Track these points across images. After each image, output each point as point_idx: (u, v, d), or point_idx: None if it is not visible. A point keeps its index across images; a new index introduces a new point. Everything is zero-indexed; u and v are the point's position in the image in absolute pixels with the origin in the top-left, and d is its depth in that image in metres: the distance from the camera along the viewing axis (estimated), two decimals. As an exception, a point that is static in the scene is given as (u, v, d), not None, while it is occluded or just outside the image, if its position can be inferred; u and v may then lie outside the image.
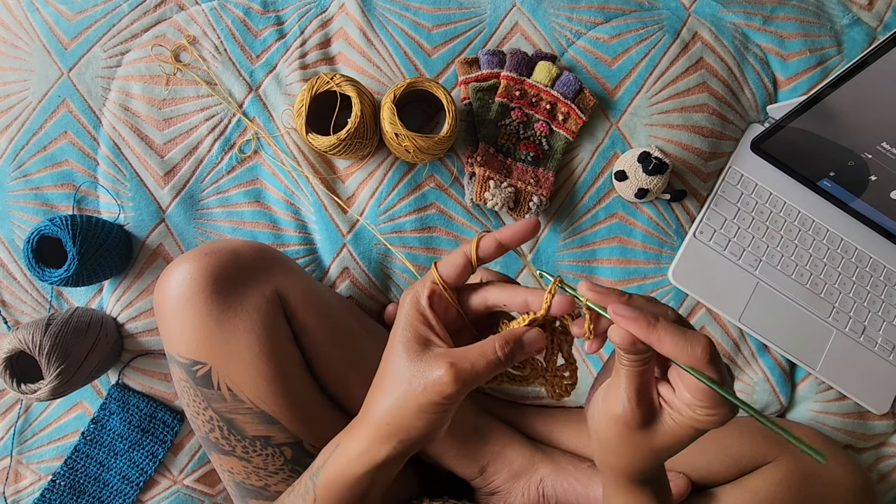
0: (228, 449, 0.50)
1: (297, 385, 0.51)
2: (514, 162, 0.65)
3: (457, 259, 0.34)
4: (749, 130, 0.70)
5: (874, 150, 0.59)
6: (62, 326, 0.55)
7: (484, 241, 0.34)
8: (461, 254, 0.34)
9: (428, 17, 0.67)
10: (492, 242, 0.34)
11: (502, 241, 0.34)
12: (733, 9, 0.70)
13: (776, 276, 0.68)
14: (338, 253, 0.65)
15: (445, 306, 0.35)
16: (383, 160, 0.65)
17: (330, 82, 0.57)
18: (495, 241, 0.34)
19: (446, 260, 0.35)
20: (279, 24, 0.67)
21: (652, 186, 0.61)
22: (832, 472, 0.59)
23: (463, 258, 0.34)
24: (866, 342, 0.68)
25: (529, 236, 0.34)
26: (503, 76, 0.64)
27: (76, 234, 0.56)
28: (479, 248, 0.34)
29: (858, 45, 0.71)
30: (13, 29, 0.65)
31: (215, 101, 0.65)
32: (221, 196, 0.65)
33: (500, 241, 0.34)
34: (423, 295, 0.34)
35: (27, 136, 0.64)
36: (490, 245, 0.34)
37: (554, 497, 0.59)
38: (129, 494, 0.63)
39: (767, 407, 0.67)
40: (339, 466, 0.37)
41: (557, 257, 0.66)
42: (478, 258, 0.34)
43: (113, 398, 0.63)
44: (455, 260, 0.34)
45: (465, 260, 0.34)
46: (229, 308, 0.48)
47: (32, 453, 0.64)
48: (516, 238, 0.34)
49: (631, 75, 0.67)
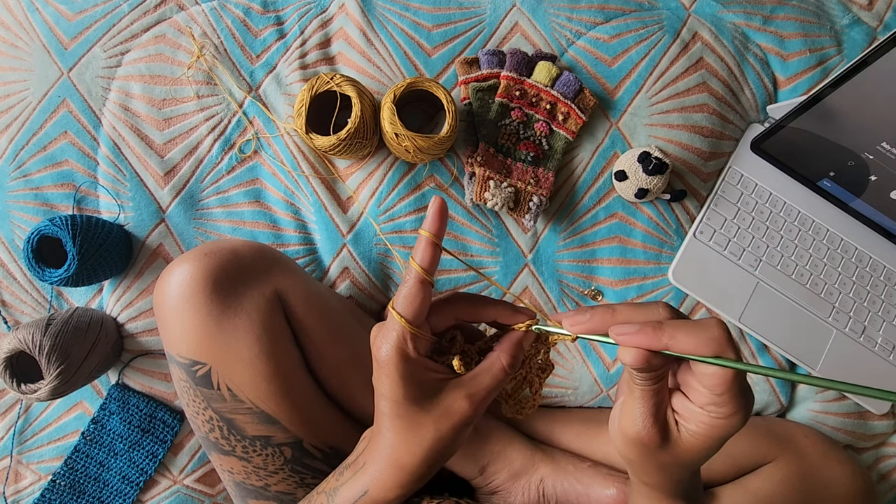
0: (228, 449, 0.50)
1: (296, 385, 0.51)
2: (514, 162, 0.65)
3: (413, 289, 0.32)
4: (749, 130, 0.70)
5: (874, 150, 0.59)
6: (62, 326, 0.55)
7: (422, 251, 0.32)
8: (414, 281, 0.32)
9: (428, 17, 0.67)
10: (429, 248, 0.32)
11: (433, 232, 0.32)
12: (733, 9, 0.70)
13: (776, 276, 0.68)
14: (338, 253, 0.65)
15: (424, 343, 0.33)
16: (383, 160, 0.65)
17: (330, 82, 0.57)
18: (430, 243, 0.32)
19: (402, 295, 0.32)
20: (279, 24, 0.67)
21: (652, 186, 0.61)
22: (832, 473, 0.59)
23: (417, 285, 0.32)
24: (866, 342, 0.68)
25: (446, 214, 0.33)
26: (503, 76, 0.64)
27: (76, 234, 0.56)
28: (421, 261, 0.32)
29: (858, 45, 0.71)
30: (13, 29, 0.65)
31: (215, 101, 0.65)
32: (221, 196, 0.65)
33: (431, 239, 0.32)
34: (407, 345, 0.32)
35: (27, 136, 0.64)
36: (429, 251, 0.32)
37: (554, 497, 0.59)
38: (129, 494, 0.63)
39: (767, 407, 0.67)
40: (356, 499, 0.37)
41: (557, 257, 0.66)
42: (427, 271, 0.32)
43: (113, 398, 0.63)
44: (411, 290, 0.32)
45: (422, 285, 0.32)
46: (229, 308, 0.48)
47: (32, 453, 0.64)
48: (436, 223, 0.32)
49: (631, 75, 0.67)
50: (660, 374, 0.29)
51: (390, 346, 0.32)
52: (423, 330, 0.32)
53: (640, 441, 0.30)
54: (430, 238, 0.32)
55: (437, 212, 0.32)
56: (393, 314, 0.32)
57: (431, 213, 0.32)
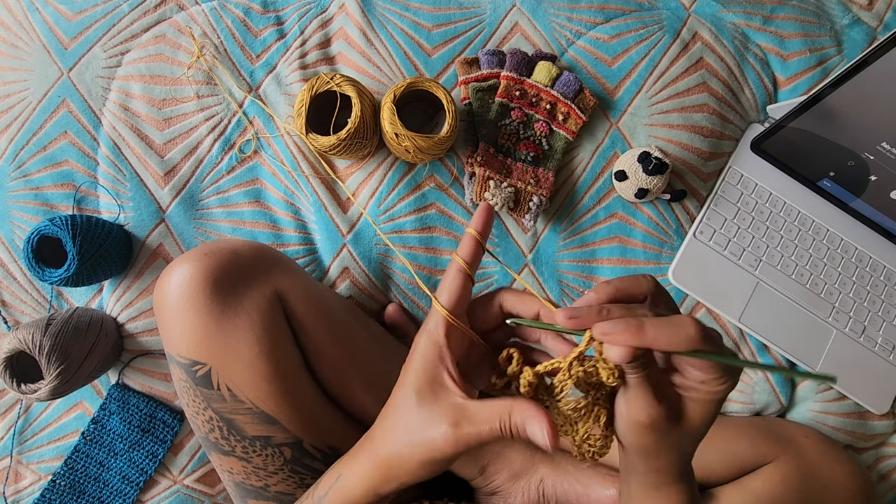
0: (228, 449, 0.50)
1: (296, 385, 0.51)
2: (514, 162, 0.65)
3: (455, 281, 0.34)
4: (749, 130, 0.70)
5: (874, 150, 0.59)
6: (62, 326, 0.55)
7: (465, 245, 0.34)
8: (455, 272, 0.34)
9: (428, 17, 0.67)
10: (471, 242, 0.34)
11: (478, 230, 0.35)
12: (733, 9, 0.70)
13: (776, 276, 0.68)
14: (338, 253, 0.65)
15: (460, 336, 0.34)
16: (383, 160, 0.65)
17: (330, 82, 0.57)
18: (473, 239, 0.34)
19: (444, 286, 0.34)
20: (279, 24, 0.67)
21: (652, 186, 0.61)
22: (832, 473, 0.58)
23: (459, 276, 0.34)
24: (866, 342, 0.68)
25: (492, 217, 0.35)
26: (503, 76, 0.64)
27: (76, 234, 0.56)
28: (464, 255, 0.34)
29: (858, 45, 0.71)
30: (13, 29, 0.65)
31: (215, 101, 0.65)
32: (221, 196, 0.65)
33: (475, 236, 0.34)
34: (440, 334, 0.33)
35: (27, 136, 0.64)
36: (472, 245, 0.34)
37: (554, 497, 0.59)
38: (129, 494, 0.63)
39: (767, 407, 0.67)
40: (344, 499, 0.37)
41: (557, 257, 0.66)
42: (469, 265, 0.34)
43: (113, 398, 0.63)
44: (453, 282, 0.34)
45: (463, 277, 0.34)
46: (229, 308, 0.48)
47: (32, 453, 0.64)
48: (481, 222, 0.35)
49: (631, 75, 0.67)
50: (647, 361, 0.30)
51: (423, 332, 0.34)
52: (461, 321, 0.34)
53: (654, 423, 0.31)
54: (474, 235, 0.34)
55: (483, 212, 0.35)
56: (434, 302, 0.34)
57: (478, 212, 0.35)
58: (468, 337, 0.35)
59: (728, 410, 0.68)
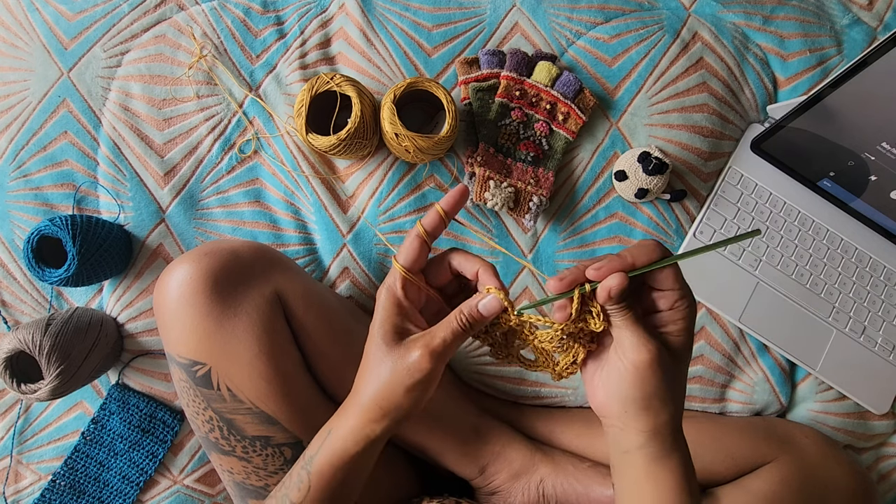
0: (228, 449, 0.50)
1: (296, 385, 0.51)
2: (514, 162, 0.65)
3: (412, 244, 0.38)
4: (749, 130, 0.70)
5: (874, 150, 0.59)
6: (62, 326, 0.55)
7: (428, 216, 0.38)
8: (414, 237, 0.38)
9: (428, 17, 0.67)
10: (434, 215, 0.38)
11: (444, 207, 0.38)
12: (733, 9, 0.70)
13: (776, 276, 0.68)
14: (338, 253, 0.65)
15: (417, 291, 0.39)
16: (383, 160, 0.65)
17: (330, 82, 0.57)
18: (437, 214, 0.38)
19: (402, 248, 0.39)
20: (279, 24, 0.67)
21: (652, 186, 0.61)
22: (832, 473, 0.58)
23: (417, 241, 0.38)
24: (866, 342, 0.68)
25: (463, 201, 0.39)
26: (503, 76, 0.64)
27: (76, 234, 0.56)
28: (426, 224, 0.38)
29: (858, 45, 0.71)
30: (13, 29, 0.65)
31: (215, 101, 0.65)
32: (221, 196, 0.65)
33: (440, 211, 0.38)
34: (396, 287, 0.38)
35: (27, 136, 0.64)
36: (435, 219, 0.38)
37: (554, 497, 0.59)
38: (129, 494, 0.63)
39: (767, 407, 0.67)
40: (334, 450, 0.40)
41: (557, 257, 0.66)
42: (428, 234, 0.38)
43: (113, 398, 0.63)
44: (410, 245, 0.38)
45: (420, 242, 0.38)
46: (229, 308, 0.48)
47: (32, 453, 0.64)
48: (451, 204, 0.39)
49: (631, 75, 0.67)
50: (630, 302, 0.34)
51: (383, 287, 0.39)
52: (414, 277, 0.38)
53: (654, 358, 0.34)
54: (439, 210, 0.38)
55: (456, 192, 0.39)
56: (393, 261, 0.39)
57: (451, 191, 0.39)
58: (424, 292, 0.40)
59: (728, 410, 0.68)
